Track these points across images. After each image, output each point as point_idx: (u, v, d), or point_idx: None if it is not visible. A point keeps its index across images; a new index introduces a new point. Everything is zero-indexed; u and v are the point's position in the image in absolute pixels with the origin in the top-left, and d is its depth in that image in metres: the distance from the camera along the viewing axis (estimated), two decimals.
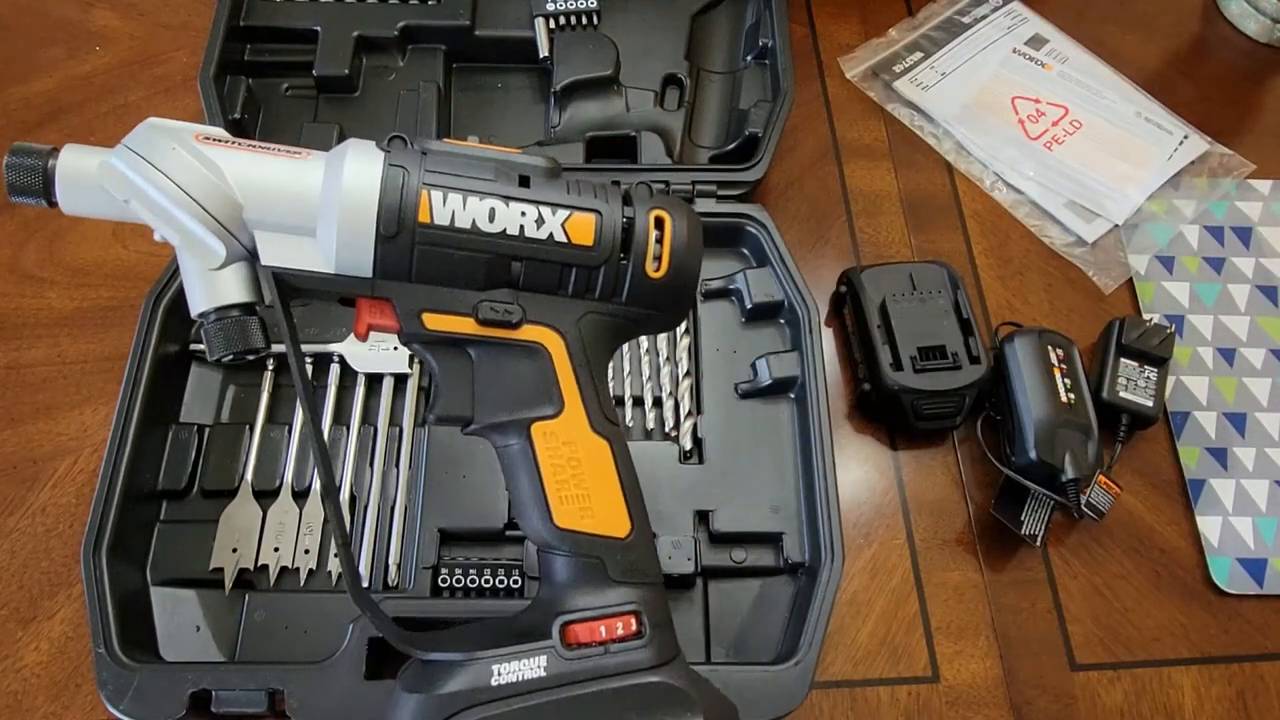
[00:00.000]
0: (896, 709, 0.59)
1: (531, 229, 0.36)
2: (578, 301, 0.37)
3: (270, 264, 0.35)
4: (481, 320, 0.36)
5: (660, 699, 0.36)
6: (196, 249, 0.34)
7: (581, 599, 0.36)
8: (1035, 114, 0.83)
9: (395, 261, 0.35)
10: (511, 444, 0.38)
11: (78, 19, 0.83)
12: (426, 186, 0.35)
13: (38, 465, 0.64)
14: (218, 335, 0.36)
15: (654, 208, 0.38)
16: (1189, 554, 0.65)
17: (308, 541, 0.60)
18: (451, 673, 0.35)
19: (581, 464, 0.37)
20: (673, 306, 0.39)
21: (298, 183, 0.34)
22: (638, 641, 0.36)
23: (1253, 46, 0.89)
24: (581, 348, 0.38)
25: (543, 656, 0.35)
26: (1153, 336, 0.68)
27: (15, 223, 0.73)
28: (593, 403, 0.38)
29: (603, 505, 0.37)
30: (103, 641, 0.52)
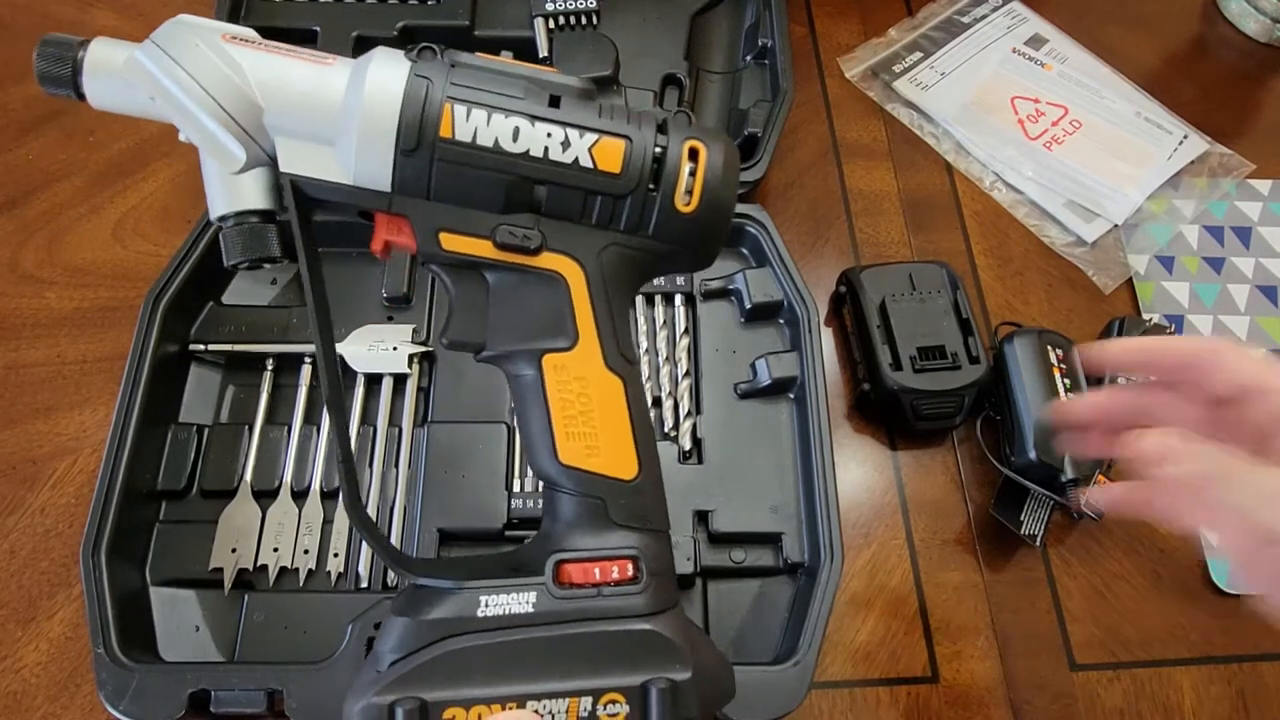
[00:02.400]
0: (896, 709, 0.59)
1: (556, 152, 0.34)
2: (601, 232, 0.36)
3: (288, 171, 0.34)
4: (499, 244, 0.35)
5: (647, 648, 0.34)
6: (217, 151, 0.33)
7: (579, 539, 0.35)
8: (1035, 114, 0.83)
9: (414, 177, 0.34)
10: (523, 374, 0.36)
11: (77, 19, 0.83)
12: (450, 100, 0.34)
13: (37, 465, 0.64)
14: (235, 240, 0.35)
15: (690, 138, 0.36)
16: (1188, 554, 0.65)
17: (307, 542, 0.60)
18: (440, 599, 0.34)
19: (592, 400, 0.36)
20: (702, 244, 0.37)
21: (320, 88, 0.33)
22: (632, 587, 0.35)
23: (1252, 46, 0.89)
24: (601, 280, 0.36)
25: (532, 593, 0.34)
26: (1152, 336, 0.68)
27: (14, 223, 0.73)
28: (609, 338, 0.36)
29: (610, 445, 0.36)
30: (102, 642, 0.52)
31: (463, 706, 0.32)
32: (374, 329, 0.66)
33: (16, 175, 0.75)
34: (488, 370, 0.66)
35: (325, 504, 0.62)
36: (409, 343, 0.66)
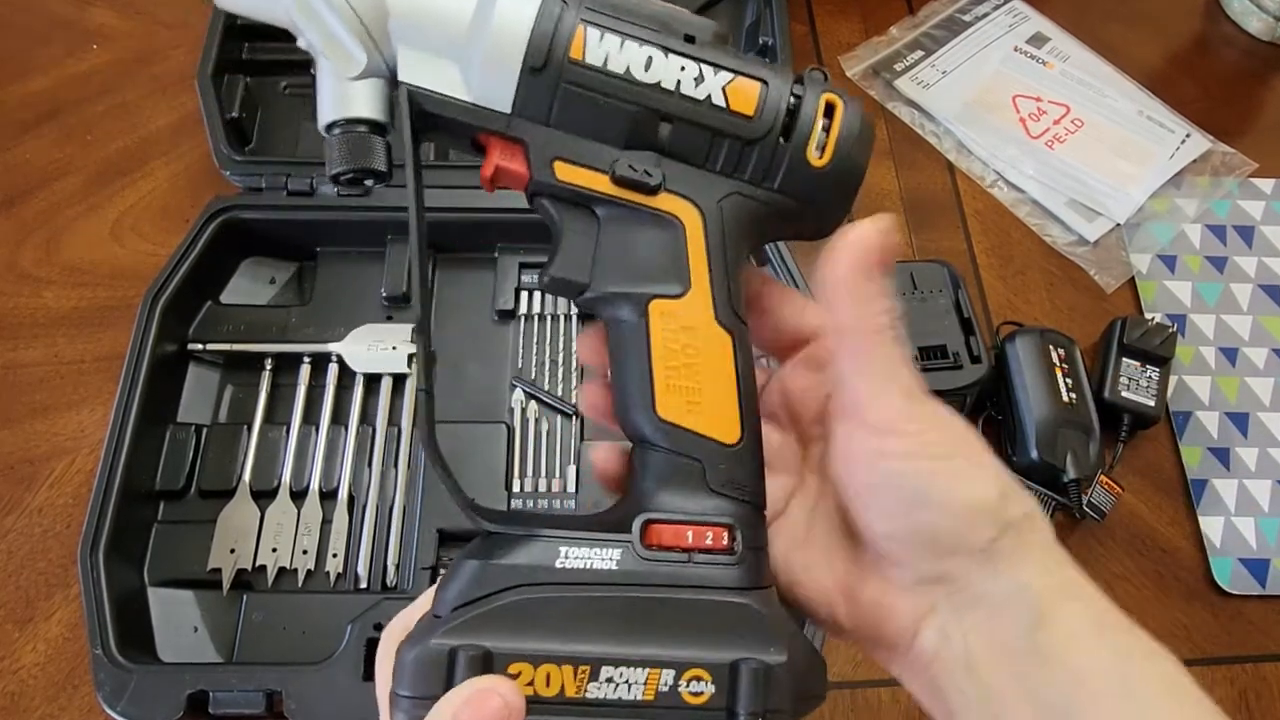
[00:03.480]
0: (897, 709, 0.59)
1: (689, 86, 0.33)
2: (724, 179, 0.34)
3: (407, 80, 0.33)
4: (617, 179, 0.33)
5: (741, 623, 0.31)
6: (337, 53, 0.32)
7: (671, 501, 0.32)
8: (1036, 112, 0.83)
9: (537, 99, 0.33)
10: (624, 319, 0.34)
11: (75, 17, 0.82)
12: (584, 22, 0.32)
13: (35, 466, 0.63)
14: (341, 148, 0.34)
15: (827, 92, 0.34)
16: (1191, 554, 0.65)
17: (306, 542, 0.60)
18: (515, 545, 0.32)
19: (699, 353, 0.33)
20: (829, 203, 0.34)
21: None
22: (727, 557, 0.31)
23: (1255, 44, 0.89)
24: (720, 229, 0.34)
25: (616, 550, 0.31)
26: (1154, 336, 0.68)
27: (12, 222, 0.72)
28: (722, 291, 0.33)
29: (713, 404, 0.33)
30: (100, 642, 0.52)
31: (530, 661, 0.29)
32: (373, 329, 0.66)
33: (14, 174, 0.74)
34: (488, 370, 0.67)
35: (324, 504, 0.61)
36: (409, 342, 0.65)
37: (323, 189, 0.67)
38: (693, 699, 0.30)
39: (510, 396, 0.66)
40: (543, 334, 0.67)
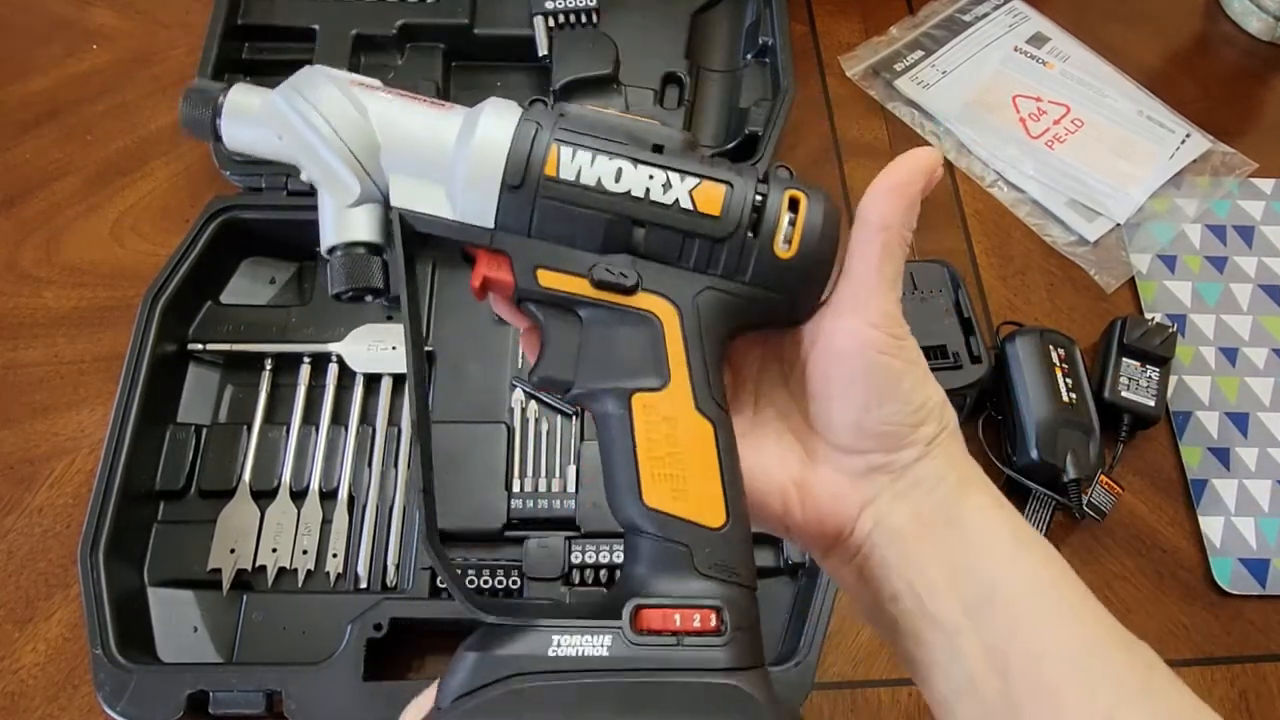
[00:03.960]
0: (897, 710, 0.59)
1: (657, 192, 0.35)
2: (698, 275, 0.36)
3: (399, 205, 0.36)
4: (596, 282, 0.35)
5: (731, 704, 0.32)
6: (334, 185, 0.36)
7: (661, 585, 0.34)
8: (1036, 112, 0.83)
9: (517, 214, 0.35)
10: (610, 413, 0.36)
11: (75, 17, 0.82)
12: (557, 142, 0.35)
13: (34, 466, 0.63)
14: (342, 269, 0.37)
15: (790, 188, 0.36)
16: (1191, 554, 0.65)
17: (306, 542, 0.60)
18: (510, 636, 0.33)
19: (680, 443, 0.35)
20: (800, 292, 0.36)
21: (435, 130, 0.36)
22: (715, 639, 0.33)
23: (1255, 44, 0.89)
24: (697, 323, 0.36)
25: (607, 636, 0.32)
26: (1154, 336, 0.68)
27: (12, 222, 0.72)
28: (701, 381, 0.35)
29: (698, 489, 0.35)
30: (100, 642, 0.52)
31: None
32: (373, 329, 0.66)
33: (14, 174, 0.74)
34: (488, 371, 0.67)
35: (324, 504, 0.62)
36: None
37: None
38: None
39: (510, 396, 0.66)
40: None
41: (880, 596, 0.35)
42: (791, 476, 0.37)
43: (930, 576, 0.34)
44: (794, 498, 0.36)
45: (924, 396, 0.35)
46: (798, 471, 0.37)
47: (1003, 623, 0.32)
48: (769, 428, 0.38)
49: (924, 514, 0.34)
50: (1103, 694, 0.31)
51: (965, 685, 0.33)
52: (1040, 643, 0.32)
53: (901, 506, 0.35)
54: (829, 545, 0.37)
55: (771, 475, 0.37)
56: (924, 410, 0.35)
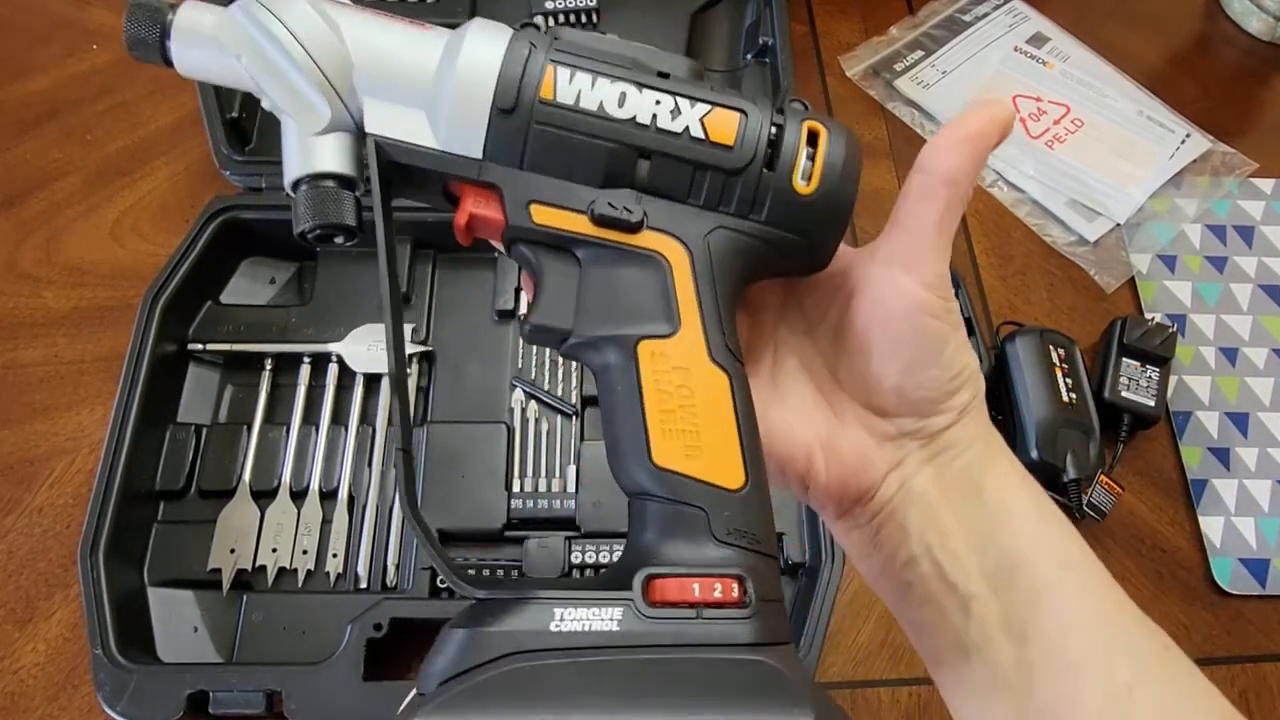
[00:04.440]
0: (897, 710, 0.59)
1: (665, 119, 0.32)
2: (710, 213, 0.33)
3: (374, 132, 0.32)
4: (597, 218, 0.32)
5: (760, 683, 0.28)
6: (301, 110, 0.32)
7: (675, 553, 0.30)
8: (1036, 112, 0.83)
9: (508, 142, 0.32)
10: (612, 364, 0.32)
11: (75, 17, 0.82)
12: (553, 63, 0.32)
13: (34, 466, 0.63)
14: (308, 204, 0.33)
15: (809, 120, 0.33)
16: (1191, 554, 0.65)
17: (306, 542, 0.60)
18: (505, 610, 0.28)
19: (694, 395, 0.31)
20: (819, 233, 0.33)
21: (416, 49, 0.32)
22: (739, 611, 0.29)
23: (1255, 44, 0.89)
24: (708, 264, 0.32)
25: (617, 609, 0.28)
26: (1154, 336, 0.68)
27: (12, 222, 0.72)
28: (714, 328, 0.32)
29: (714, 447, 0.31)
30: (100, 642, 0.52)
31: None
32: (373, 328, 0.66)
33: (14, 174, 0.74)
34: (488, 371, 0.67)
35: (324, 504, 0.62)
36: (408, 342, 0.65)
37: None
38: None
39: (510, 396, 0.66)
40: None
41: (894, 560, 0.34)
42: (818, 436, 0.35)
43: (952, 543, 0.33)
44: (819, 458, 0.34)
45: (963, 363, 0.34)
46: (824, 431, 0.35)
47: (1024, 592, 0.32)
48: (791, 381, 0.36)
49: (949, 480, 0.33)
50: (1122, 669, 0.30)
51: (978, 651, 0.32)
52: (1062, 615, 0.31)
53: (927, 471, 0.34)
54: (847, 508, 0.35)
55: (795, 433, 0.35)
56: (961, 377, 0.33)
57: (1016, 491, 0.33)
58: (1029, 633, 0.31)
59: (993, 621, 0.32)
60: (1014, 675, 0.31)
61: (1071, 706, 0.30)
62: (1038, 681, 0.31)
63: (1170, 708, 0.30)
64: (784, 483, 0.35)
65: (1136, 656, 0.31)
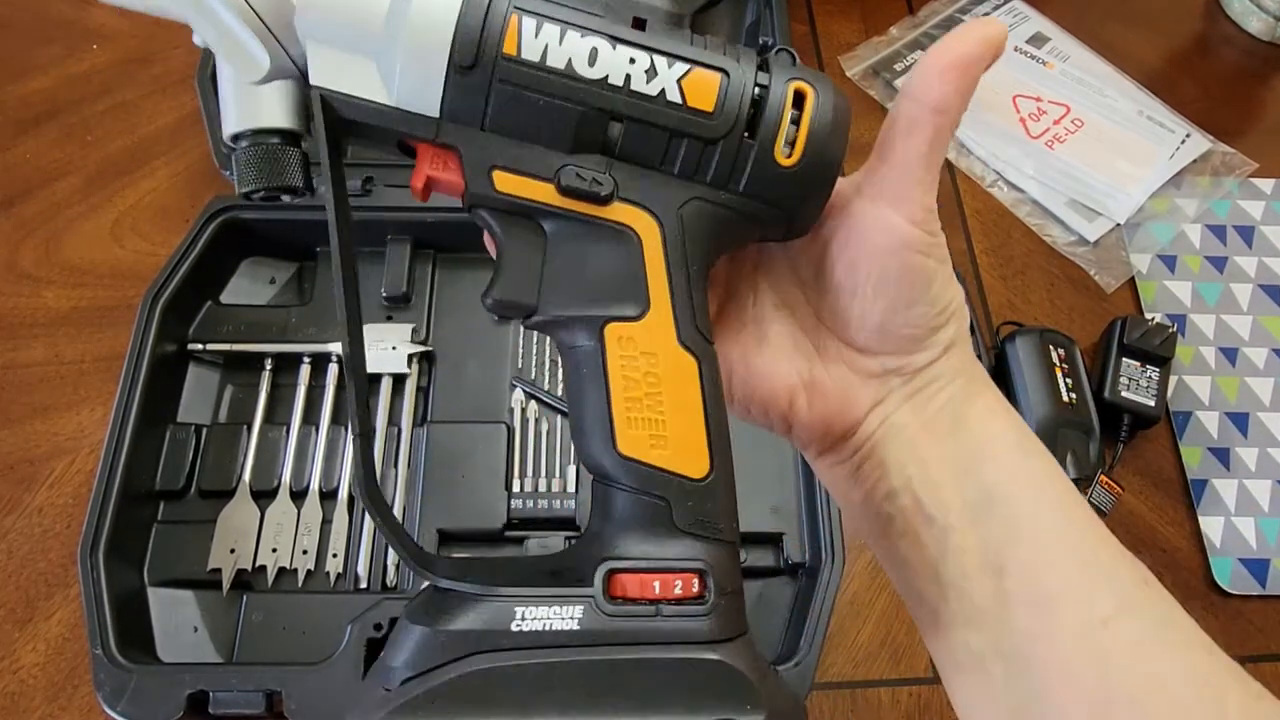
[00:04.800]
0: (897, 710, 0.59)
1: (639, 81, 0.29)
2: (684, 183, 0.30)
3: (319, 84, 0.29)
4: (564, 188, 0.30)
5: (715, 682, 0.29)
6: (236, 55, 0.29)
7: (635, 545, 0.30)
8: (1036, 112, 0.83)
9: (468, 101, 0.29)
10: (578, 345, 0.31)
11: (75, 17, 0.82)
12: (518, 10, 0.29)
13: (34, 466, 0.63)
14: (249, 163, 0.30)
15: (794, 79, 0.31)
16: (1191, 554, 0.65)
17: (305, 542, 0.60)
18: (465, 607, 0.28)
19: (661, 381, 0.30)
20: (800, 206, 0.31)
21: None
22: (698, 607, 0.29)
23: (1255, 44, 0.89)
24: (680, 241, 0.30)
25: (578, 606, 0.28)
26: (1155, 336, 0.68)
27: (12, 222, 0.72)
28: (684, 309, 0.30)
29: (679, 436, 0.30)
30: (100, 642, 0.52)
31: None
32: (373, 328, 0.66)
33: (14, 174, 0.74)
34: (488, 371, 0.67)
35: (324, 504, 0.61)
36: (408, 342, 0.65)
37: (323, 189, 0.67)
38: None
39: (510, 396, 0.66)
40: (543, 334, 0.67)
41: (875, 495, 0.34)
42: (800, 375, 0.34)
43: (933, 475, 0.32)
44: (800, 397, 0.34)
45: (949, 298, 0.33)
46: (806, 370, 0.34)
47: (1003, 525, 0.31)
48: (772, 321, 0.35)
49: (930, 414, 0.33)
50: (1100, 602, 0.30)
51: (954, 584, 0.32)
52: (1040, 548, 0.31)
53: (909, 406, 0.33)
54: (830, 445, 0.35)
55: (778, 374, 0.34)
56: (947, 312, 0.33)
57: (998, 425, 0.33)
58: (1006, 565, 0.31)
59: (971, 554, 0.31)
60: (990, 608, 0.31)
61: (1046, 638, 0.30)
62: (1013, 614, 0.31)
63: (1148, 640, 0.30)
64: (766, 423, 0.35)
65: (1115, 590, 0.30)
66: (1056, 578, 0.30)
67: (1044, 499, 0.32)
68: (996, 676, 0.31)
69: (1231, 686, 0.29)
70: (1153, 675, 0.29)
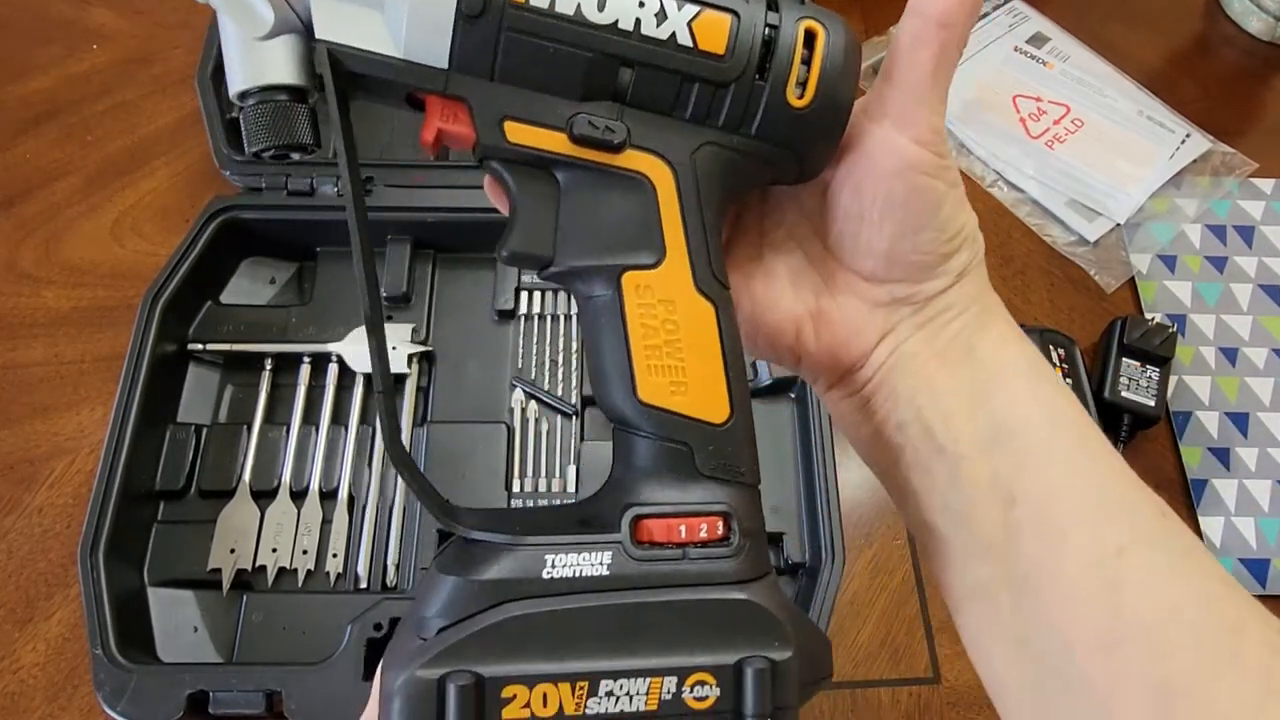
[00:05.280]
0: (897, 710, 0.59)
1: (649, 25, 0.29)
2: (696, 128, 0.31)
3: (325, 38, 0.29)
4: (576, 137, 0.30)
5: (743, 621, 0.29)
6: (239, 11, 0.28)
7: (659, 491, 0.30)
8: (1036, 112, 0.83)
9: (477, 51, 0.29)
10: (596, 295, 0.31)
11: (75, 17, 0.82)
12: None
13: (35, 466, 0.63)
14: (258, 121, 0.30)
15: (805, 18, 0.31)
16: None
17: (305, 542, 0.60)
18: (496, 556, 0.29)
19: (679, 328, 0.30)
20: (812, 148, 0.31)
21: None
22: (723, 549, 0.30)
23: (1255, 44, 0.89)
24: (694, 186, 0.31)
25: (607, 552, 0.29)
26: (1155, 336, 0.68)
27: (11, 223, 0.72)
28: (700, 255, 0.31)
29: (699, 382, 0.31)
30: (100, 642, 0.52)
31: (525, 684, 0.27)
32: None
33: (14, 174, 0.74)
34: (488, 370, 0.67)
35: (324, 504, 0.61)
36: (409, 342, 0.65)
37: (323, 189, 0.67)
38: (697, 704, 0.28)
39: (510, 396, 0.66)
40: (543, 334, 0.67)
41: (884, 426, 0.33)
42: (807, 306, 0.34)
43: (944, 405, 0.32)
44: (809, 329, 0.34)
45: (961, 222, 0.32)
46: (814, 301, 0.34)
47: (1014, 455, 0.30)
48: (779, 251, 0.34)
49: (942, 343, 0.32)
50: (1113, 532, 0.29)
51: (964, 514, 0.31)
52: (1052, 478, 0.30)
53: (921, 336, 0.32)
54: (839, 377, 0.34)
55: (785, 306, 0.34)
56: (959, 238, 0.32)
57: (1011, 353, 0.32)
58: (1017, 495, 0.30)
59: (981, 484, 0.31)
60: (1000, 537, 0.30)
61: (1055, 568, 0.29)
62: (1023, 543, 0.30)
63: (1161, 572, 0.29)
64: (774, 356, 0.35)
65: (1129, 520, 0.29)
66: (1068, 507, 0.30)
67: (1058, 429, 0.31)
68: (1004, 605, 0.30)
69: (1250, 618, 0.28)
70: (1167, 604, 0.28)
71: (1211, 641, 0.27)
